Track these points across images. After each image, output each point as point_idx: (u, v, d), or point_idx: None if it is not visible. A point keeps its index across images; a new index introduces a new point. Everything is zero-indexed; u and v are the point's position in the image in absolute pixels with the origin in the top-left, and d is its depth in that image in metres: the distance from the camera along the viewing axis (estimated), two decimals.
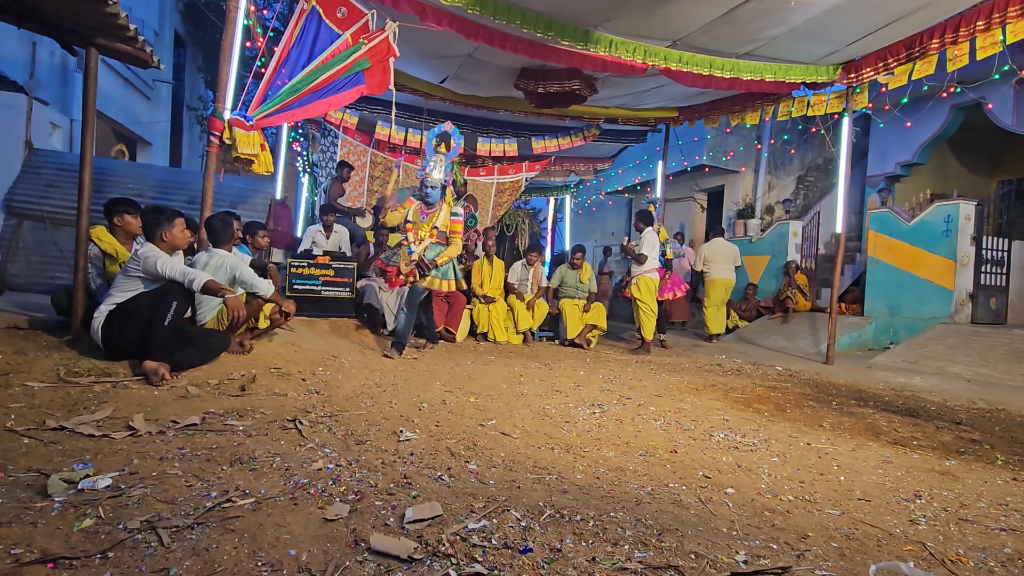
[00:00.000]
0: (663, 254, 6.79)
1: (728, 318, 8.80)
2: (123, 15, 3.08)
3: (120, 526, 1.38)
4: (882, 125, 8.39)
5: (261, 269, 4.32)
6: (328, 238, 6.14)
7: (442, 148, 4.67)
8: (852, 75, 5.55)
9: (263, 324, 3.81)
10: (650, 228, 6.39)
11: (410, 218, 4.60)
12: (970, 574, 1.52)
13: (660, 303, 6.83)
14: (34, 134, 6.58)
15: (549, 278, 6.99)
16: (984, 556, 1.62)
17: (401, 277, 4.56)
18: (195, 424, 2.22)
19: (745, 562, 1.46)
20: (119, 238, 3.53)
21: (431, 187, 4.55)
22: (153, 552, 1.29)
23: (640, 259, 6.23)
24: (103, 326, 2.92)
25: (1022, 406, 3.92)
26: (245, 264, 3.57)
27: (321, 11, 3.95)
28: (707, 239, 8.62)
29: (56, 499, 1.50)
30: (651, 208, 6.83)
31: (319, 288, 5.53)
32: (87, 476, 1.63)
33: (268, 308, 3.89)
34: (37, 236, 5.13)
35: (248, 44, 4.83)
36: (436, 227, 4.58)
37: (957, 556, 1.61)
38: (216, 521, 1.45)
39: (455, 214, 4.65)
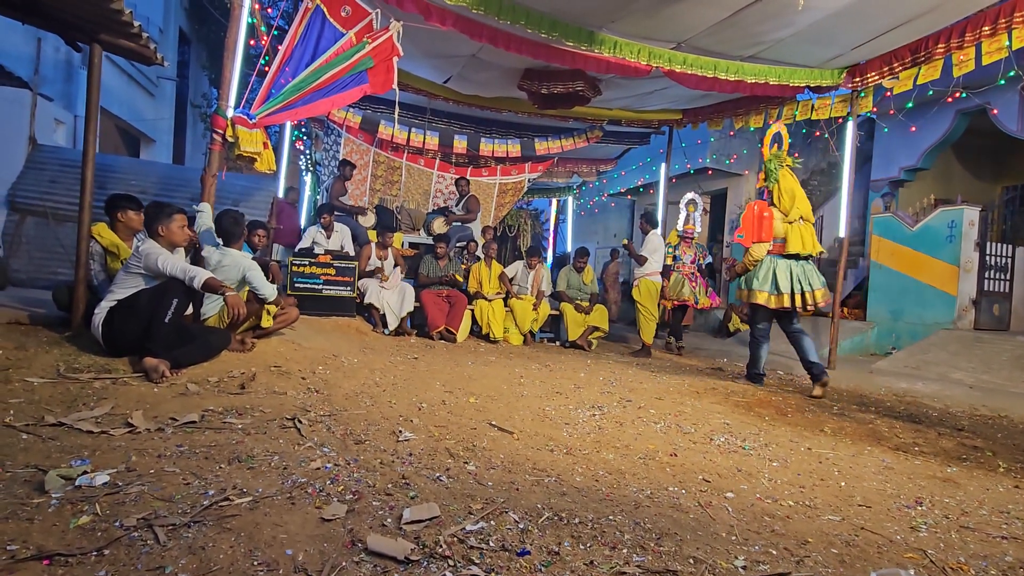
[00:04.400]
0: (699, 258, 6.80)
1: (730, 321, 8.79)
2: (128, 12, 3.08)
3: (117, 523, 1.38)
4: (886, 130, 8.37)
5: (263, 267, 4.32)
6: (328, 238, 6.14)
7: (766, 150, 4.43)
8: (857, 79, 5.54)
9: (266, 323, 3.81)
10: (655, 231, 6.38)
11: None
12: None
13: (679, 309, 6.70)
14: (38, 130, 6.59)
15: (554, 281, 6.99)
16: (985, 564, 1.61)
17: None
18: (194, 422, 2.22)
19: (744, 567, 1.45)
20: (121, 234, 3.52)
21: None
22: (149, 550, 1.28)
23: (640, 260, 6.22)
24: (104, 322, 2.92)
25: None
26: (256, 267, 3.59)
27: (325, 10, 3.95)
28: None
29: (53, 495, 1.49)
30: (690, 207, 6.72)
31: (320, 287, 5.53)
32: (85, 473, 1.63)
33: (274, 308, 3.90)
34: (40, 232, 5.13)
35: (252, 42, 4.83)
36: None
37: (958, 564, 1.60)
38: (213, 519, 1.44)
39: (765, 214, 4.31)
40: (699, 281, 6.74)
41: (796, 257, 4.24)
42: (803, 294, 4.13)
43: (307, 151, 9.18)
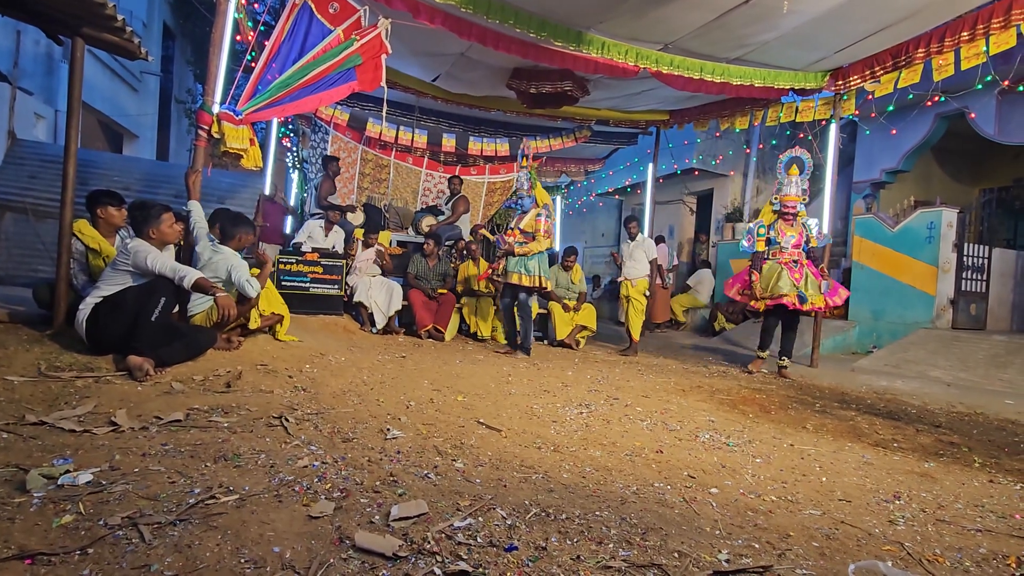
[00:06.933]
0: (807, 241, 5.01)
1: (715, 320, 8.89)
2: (111, 5, 3.04)
3: (101, 522, 1.37)
4: (868, 132, 8.51)
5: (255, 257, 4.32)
6: (327, 236, 6.12)
7: (523, 162, 5.49)
8: (839, 82, 5.63)
9: (254, 325, 3.78)
10: (643, 233, 6.44)
11: (511, 224, 5.60)
12: (946, 574, 1.55)
13: (777, 312, 5.12)
14: (17, 124, 6.47)
15: None
16: (960, 556, 1.66)
17: (488, 270, 5.76)
18: (179, 420, 2.20)
19: (727, 560, 1.48)
20: (102, 231, 3.47)
21: (519, 197, 5.51)
22: (134, 549, 1.27)
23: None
24: (88, 318, 2.88)
25: (1000, 410, 4.00)
26: (244, 267, 3.56)
27: (313, 6, 3.93)
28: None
29: (35, 495, 1.48)
30: (792, 169, 5.01)
31: (307, 285, 5.49)
32: (67, 472, 1.61)
33: (264, 308, 3.88)
34: (19, 228, 5.03)
35: (238, 37, 4.78)
36: (520, 228, 5.34)
37: (934, 556, 1.64)
38: (199, 518, 1.43)
39: (538, 216, 5.30)
40: (807, 272, 4.91)
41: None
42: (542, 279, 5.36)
43: (294, 148, 9.10)
